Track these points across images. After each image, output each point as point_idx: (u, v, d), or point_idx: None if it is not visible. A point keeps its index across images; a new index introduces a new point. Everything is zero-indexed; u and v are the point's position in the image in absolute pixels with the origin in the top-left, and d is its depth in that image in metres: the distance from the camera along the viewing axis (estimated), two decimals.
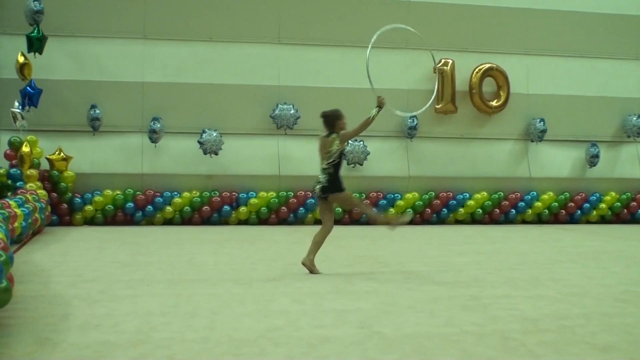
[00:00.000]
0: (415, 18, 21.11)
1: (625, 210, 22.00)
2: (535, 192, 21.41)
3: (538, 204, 21.35)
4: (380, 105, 11.92)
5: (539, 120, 21.36)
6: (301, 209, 20.04)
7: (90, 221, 19.13)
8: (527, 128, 21.64)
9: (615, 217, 21.96)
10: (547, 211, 21.46)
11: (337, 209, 18.43)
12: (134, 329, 7.30)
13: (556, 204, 21.47)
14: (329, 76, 20.70)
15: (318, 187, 11.11)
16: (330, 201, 11.19)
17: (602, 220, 21.91)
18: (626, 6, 22.61)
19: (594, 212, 21.72)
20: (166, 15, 20.14)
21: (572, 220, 21.66)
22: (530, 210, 21.31)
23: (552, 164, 21.86)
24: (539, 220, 21.47)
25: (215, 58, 20.25)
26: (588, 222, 21.74)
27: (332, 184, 11.07)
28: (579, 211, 21.60)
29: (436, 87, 17.17)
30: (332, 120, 11.40)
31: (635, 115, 22.12)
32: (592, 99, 22.11)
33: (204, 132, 19.63)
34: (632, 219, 22.05)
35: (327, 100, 20.33)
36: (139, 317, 7.78)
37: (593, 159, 21.58)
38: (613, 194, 21.92)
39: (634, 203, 22.01)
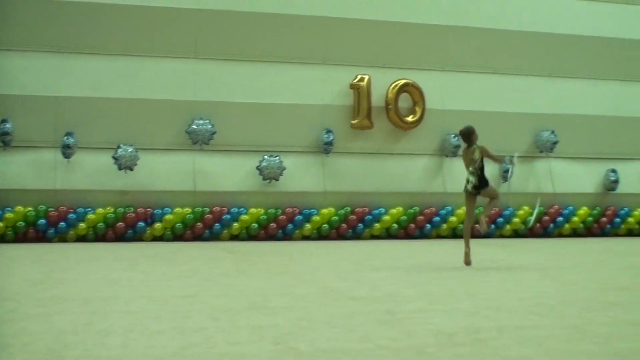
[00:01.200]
0: (332, 34, 21.28)
1: (538, 224, 22.33)
2: (450, 207, 21.62)
3: (453, 218, 21.56)
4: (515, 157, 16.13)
5: (453, 135, 21.58)
6: (217, 224, 19.92)
7: (1, 238, 18.74)
8: (442, 143, 21.86)
9: (529, 231, 22.28)
10: (462, 225, 21.65)
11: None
12: (45, 348, 7.15)
13: None
14: (246, 91, 20.68)
15: (470, 185, 13.82)
16: (482, 195, 13.98)
17: (516, 234, 22.20)
18: (540, 24, 23.05)
19: (508, 226, 22.02)
20: (82, 29, 19.93)
21: (486, 234, 21.88)
22: (445, 225, 21.51)
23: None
24: (454, 234, 21.67)
25: (131, 72, 20.07)
26: (502, 236, 22.02)
27: (481, 181, 13.84)
28: (493, 226, 21.86)
29: None
30: (468, 135, 14.09)
31: (548, 130, 22.49)
32: (506, 114, 22.45)
33: (119, 147, 19.42)
34: (545, 233, 22.39)
35: (244, 115, 20.36)
36: (51, 336, 7.62)
37: (506, 174, 21.87)
38: (526, 208, 22.25)
39: (547, 217, 22.36)
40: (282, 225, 20.42)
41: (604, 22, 23.74)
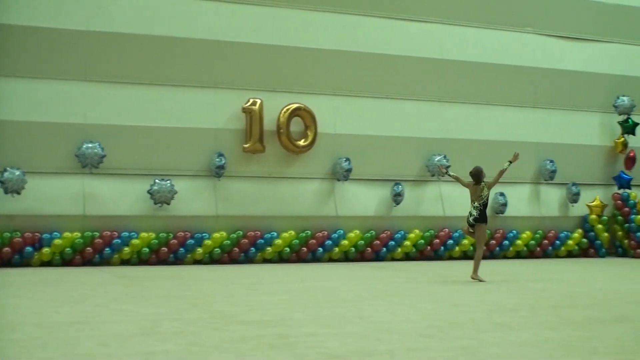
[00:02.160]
0: (224, 58, 21.25)
1: (429, 247, 22.60)
2: (342, 231, 21.73)
3: (345, 242, 21.66)
4: (512, 160, 16.66)
5: (344, 159, 21.72)
6: (107, 249, 19.64)
7: None
8: (333, 167, 21.97)
9: (419, 254, 22.52)
10: (353, 249, 21.80)
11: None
12: None
13: (362, 242, 21.85)
14: (137, 114, 20.47)
15: (472, 218, 16.10)
16: (475, 230, 16.17)
17: (407, 257, 22.42)
18: (429, 50, 23.38)
19: (399, 249, 22.21)
20: None
21: (378, 257, 22.06)
22: (337, 249, 21.60)
23: (358, 202, 22.25)
24: (346, 258, 21.78)
25: (19, 94, 19.65)
26: (393, 259, 22.21)
27: (482, 216, 16.15)
28: (384, 249, 22.04)
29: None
30: (478, 176, 16.19)
31: (439, 155, 22.80)
32: (397, 139, 22.70)
33: (5, 170, 18.99)
34: (436, 256, 22.67)
35: (134, 138, 20.18)
36: None
37: (397, 198, 22.12)
38: (417, 231, 22.51)
39: (437, 240, 22.66)
40: (173, 250, 20.23)
41: (490, 48, 24.22)
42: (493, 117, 24.05)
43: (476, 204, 16.18)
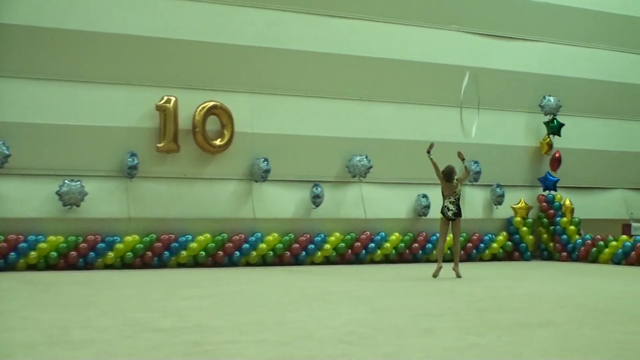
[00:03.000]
0: (137, 53, 21.09)
1: (350, 251, 22.68)
2: (259, 233, 21.71)
3: (263, 245, 21.65)
4: (462, 158, 18.79)
5: (262, 159, 21.70)
6: (12, 253, 19.34)
7: None
8: (251, 168, 21.93)
9: (340, 257, 22.60)
10: (271, 253, 21.79)
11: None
12: None
13: (281, 245, 21.86)
14: (44, 112, 20.16)
15: (451, 213, 17.97)
16: (453, 225, 18.08)
17: (327, 261, 22.48)
18: (352, 47, 23.45)
19: (319, 253, 22.26)
20: None
21: (297, 261, 22.08)
22: (254, 252, 21.57)
23: (276, 204, 22.25)
24: (264, 262, 21.76)
25: None
26: (313, 263, 22.25)
27: (459, 210, 18.14)
28: (304, 252, 22.07)
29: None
30: (452, 175, 18.09)
31: (360, 155, 22.89)
32: (317, 138, 22.73)
33: None
34: (357, 260, 22.77)
35: (41, 137, 19.97)
36: None
37: (316, 199, 22.14)
38: (338, 234, 22.58)
39: (358, 243, 22.74)
40: (83, 254, 20.01)
41: (414, 46, 24.35)
42: (417, 116, 24.21)
43: (452, 199, 18.01)
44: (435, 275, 18.01)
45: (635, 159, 27.66)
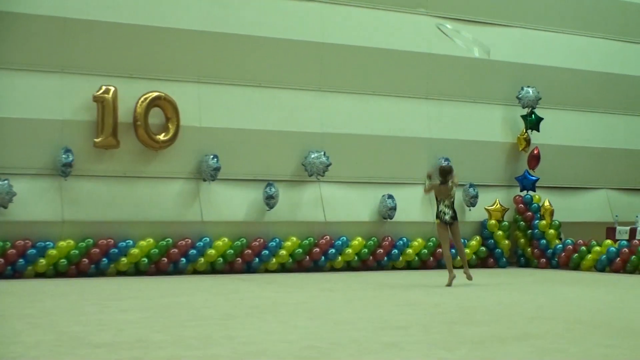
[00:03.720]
0: (72, 39, 21.00)
1: (308, 257, 22.67)
2: (208, 238, 21.66)
3: (211, 251, 21.61)
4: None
5: (212, 156, 21.65)
6: None
7: None
8: (199, 165, 21.88)
9: (297, 264, 22.60)
10: (221, 259, 21.76)
11: None
12: None
13: (231, 251, 21.82)
14: None
15: (448, 217, 18.39)
16: (452, 228, 18.51)
17: (283, 268, 22.48)
18: (309, 32, 23.43)
19: (274, 259, 22.24)
20: None
21: (249, 269, 22.06)
22: (202, 259, 21.53)
23: (226, 205, 22.22)
24: (213, 269, 21.73)
25: None
26: (267, 270, 22.24)
27: (456, 214, 18.63)
28: (257, 259, 22.05)
29: None
30: (449, 173, 18.48)
31: (318, 152, 22.87)
32: (271, 133, 22.72)
33: None
34: (315, 267, 22.78)
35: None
36: None
37: (270, 200, 22.11)
38: (294, 239, 22.56)
39: (317, 249, 22.72)
40: (11, 261, 19.90)
41: (377, 31, 24.25)
42: (380, 109, 24.22)
43: (446, 202, 18.46)
44: (449, 285, 18.57)
45: (621, 156, 27.86)
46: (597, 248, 23.81)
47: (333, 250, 22.91)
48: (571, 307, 15.11)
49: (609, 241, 24.04)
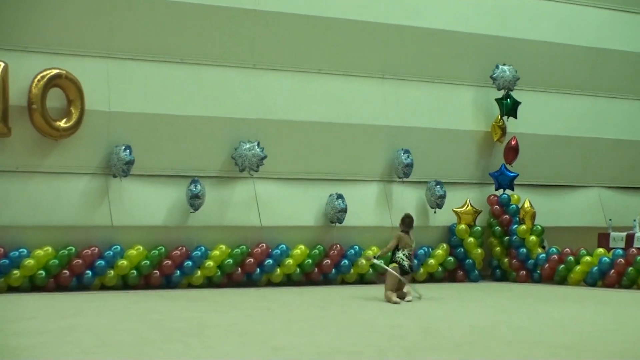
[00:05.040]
0: None
1: (240, 269, 22.63)
2: (119, 246, 21.58)
3: (123, 262, 21.53)
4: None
5: (123, 147, 21.53)
6: None
7: None
8: (108, 158, 21.77)
9: (226, 278, 22.55)
10: (135, 272, 21.68)
11: None
12: None
13: (147, 261, 21.75)
14: None
15: (406, 264, 19.83)
16: (407, 278, 19.89)
17: (209, 282, 22.43)
18: (238, 1, 23.34)
19: (198, 271, 22.20)
20: None
21: (168, 283, 21.99)
22: (112, 271, 21.45)
23: (142, 207, 22.14)
24: (125, 284, 21.65)
25: None
26: (190, 285, 22.19)
27: (411, 268, 20.39)
28: (178, 271, 21.99)
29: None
30: (412, 223, 20.28)
31: (250, 142, 22.78)
32: (195, 119, 22.63)
33: None
34: (249, 281, 22.74)
35: None
36: None
37: (195, 201, 22.02)
38: (223, 247, 22.50)
39: (251, 259, 22.64)
40: None
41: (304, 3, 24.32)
42: (327, 90, 24.19)
43: (405, 252, 19.98)
44: (402, 298, 19.67)
45: (614, 147, 28.04)
46: (588, 258, 23.94)
47: (270, 261, 22.90)
48: (556, 329, 15.23)
49: (601, 250, 24.19)
